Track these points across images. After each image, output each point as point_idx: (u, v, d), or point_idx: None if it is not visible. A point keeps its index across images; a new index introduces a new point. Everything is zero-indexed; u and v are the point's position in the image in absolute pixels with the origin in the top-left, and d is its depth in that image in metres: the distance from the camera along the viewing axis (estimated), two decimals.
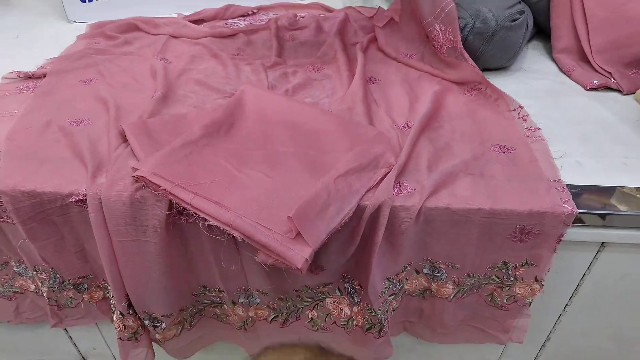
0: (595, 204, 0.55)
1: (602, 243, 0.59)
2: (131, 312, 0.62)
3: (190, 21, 0.93)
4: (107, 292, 0.66)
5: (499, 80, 0.78)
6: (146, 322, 0.63)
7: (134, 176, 0.54)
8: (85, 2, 0.96)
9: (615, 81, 0.76)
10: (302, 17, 0.96)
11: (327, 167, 0.57)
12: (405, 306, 0.66)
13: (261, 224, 0.50)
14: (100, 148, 0.60)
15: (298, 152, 0.59)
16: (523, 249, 0.57)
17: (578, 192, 0.56)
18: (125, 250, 0.56)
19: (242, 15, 0.97)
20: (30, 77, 0.77)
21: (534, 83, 0.78)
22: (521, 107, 0.67)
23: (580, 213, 0.53)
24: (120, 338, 0.64)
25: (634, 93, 0.74)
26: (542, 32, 0.89)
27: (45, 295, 0.65)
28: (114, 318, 0.63)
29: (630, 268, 0.63)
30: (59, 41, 0.88)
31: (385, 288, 0.60)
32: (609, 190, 0.57)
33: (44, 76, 0.76)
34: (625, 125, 0.68)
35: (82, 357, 0.85)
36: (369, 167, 0.56)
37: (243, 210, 0.51)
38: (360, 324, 0.63)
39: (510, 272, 0.59)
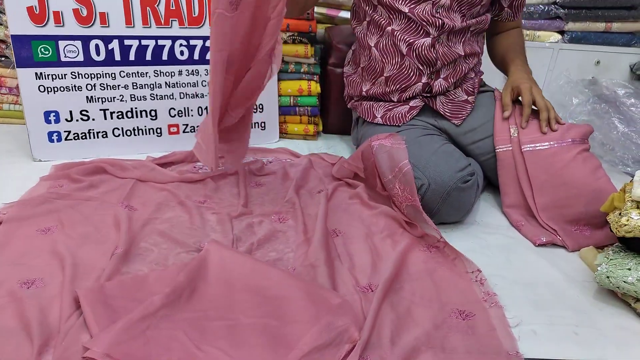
0: None
1: None
2: None
3: (158, 164, 0.94)
4: None
5: (455, 235, 0.82)
6: None
7: (84, 357, 0.51)
8: (53, 142, 0.97)
9: (560, 238, 0.81)
10: (270, 162, 1.00)
11: (290, 340, 0.56)
12: None
13: None
14: (51, 317, 0.57)
15: (261, 322, 0.58)
16: None
17: None
18: None
19: None
20: None
21: (487, 238, 0.82)
22: (479, 270, 0.70)
23: None
24: None
25: (578, 250, 0.79)
26: (491, 185, 0.97)
27: None
28: None
29: None
30: (21, 181, 0.86)
31: None
32: None
33: (0, 223, 0.74)
34: (573, 287, 0.72)
35: None
36: (333, 343, 0.56)
37: None
38: None
39: None
